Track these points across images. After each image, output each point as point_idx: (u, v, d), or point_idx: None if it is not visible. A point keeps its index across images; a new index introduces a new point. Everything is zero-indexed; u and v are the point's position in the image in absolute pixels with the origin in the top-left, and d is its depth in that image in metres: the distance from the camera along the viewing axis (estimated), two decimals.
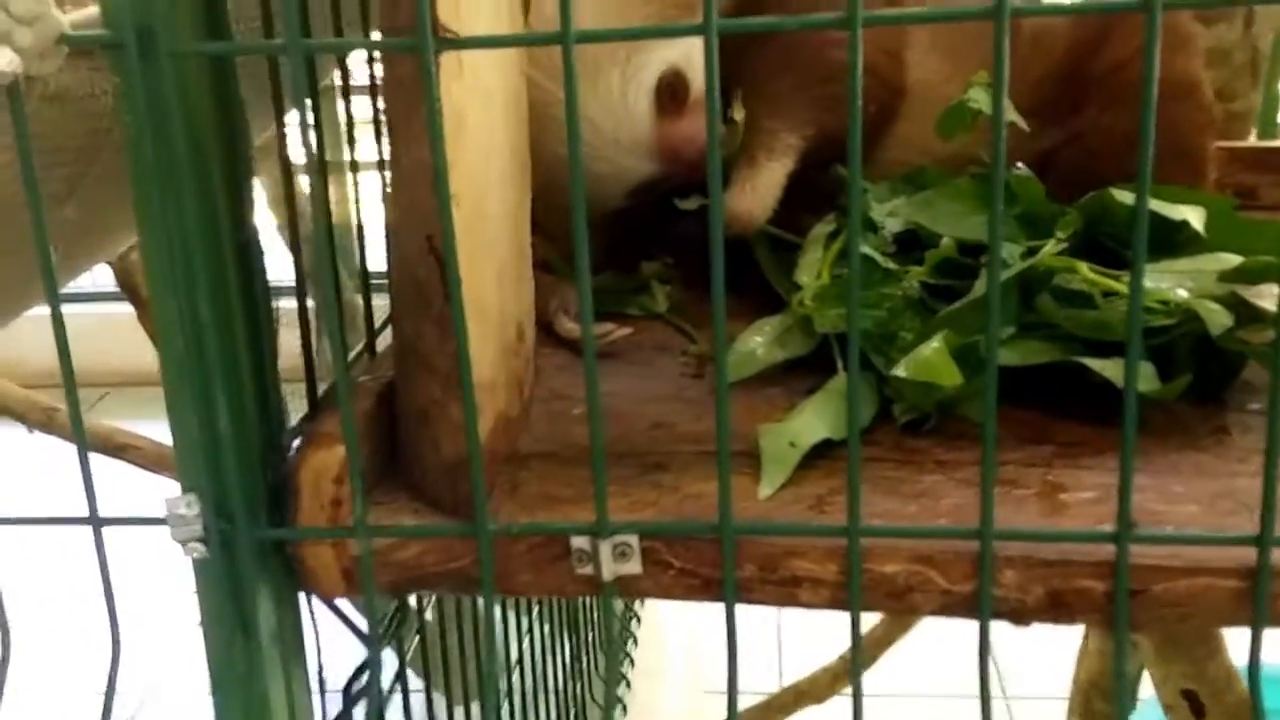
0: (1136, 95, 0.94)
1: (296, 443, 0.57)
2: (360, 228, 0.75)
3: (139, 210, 0.50)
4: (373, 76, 0.67)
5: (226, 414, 0.53)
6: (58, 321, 0.51)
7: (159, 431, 0.57)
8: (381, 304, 0.64)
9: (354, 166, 0.68)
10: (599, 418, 0.51)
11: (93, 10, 0.64)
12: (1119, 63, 0.89)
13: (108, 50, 0.49)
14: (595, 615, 1.88)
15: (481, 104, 0.55)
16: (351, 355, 0.71)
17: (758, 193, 0.86)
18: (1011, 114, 0.80)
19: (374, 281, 0.69)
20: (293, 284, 0.63)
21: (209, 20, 0.50)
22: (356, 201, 0.74)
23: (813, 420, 0.61)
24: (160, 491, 0.54)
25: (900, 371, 0.62)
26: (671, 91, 0.83)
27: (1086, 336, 0.66)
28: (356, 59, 0.78)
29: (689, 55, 0.85)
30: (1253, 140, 1.26)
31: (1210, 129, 0.92)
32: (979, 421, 0.49)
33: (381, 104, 0.51)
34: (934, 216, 0.76)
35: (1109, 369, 0.63)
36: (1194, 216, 0.74)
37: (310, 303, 0.62)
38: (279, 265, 0.61)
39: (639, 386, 0.73)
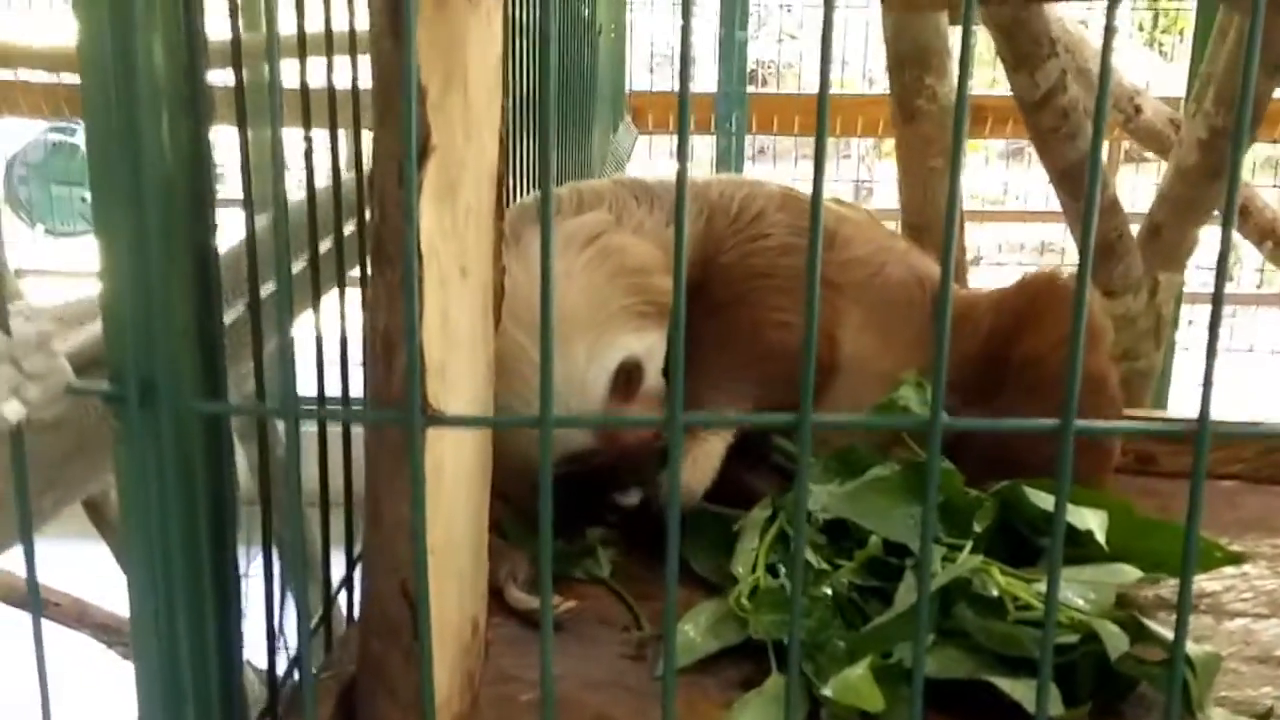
0: (1052, 388, 1.02)
1: None
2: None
3: (128, 547, 0.54)
4: None
5: None
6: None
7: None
8: None
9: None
10: None
11: (92, 331, 0.68)
12: (1037, 355, 0.97)
13: (109, 400, 0.53)
14: None
15: (456, 446, 0.59)
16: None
17: (697, 466, 0.91)
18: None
19: None
20: None
21: (208, 377, 0.54)
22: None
23: None
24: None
25: (828, 692, 0.66)
26: (627, 377, 0.88)
27: (998, 650, 0.71)
28: None
29: (651, 350, 0.91)
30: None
31: (1117, 419, 1.00)
32: None
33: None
34: (862, 511, 0.82)
35: (1018, 690, 0.68)
36: (1096, 524, 0.81)
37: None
38: None
39: (582, 668, 0.77)
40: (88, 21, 0.49)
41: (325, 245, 0.68)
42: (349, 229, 0.78)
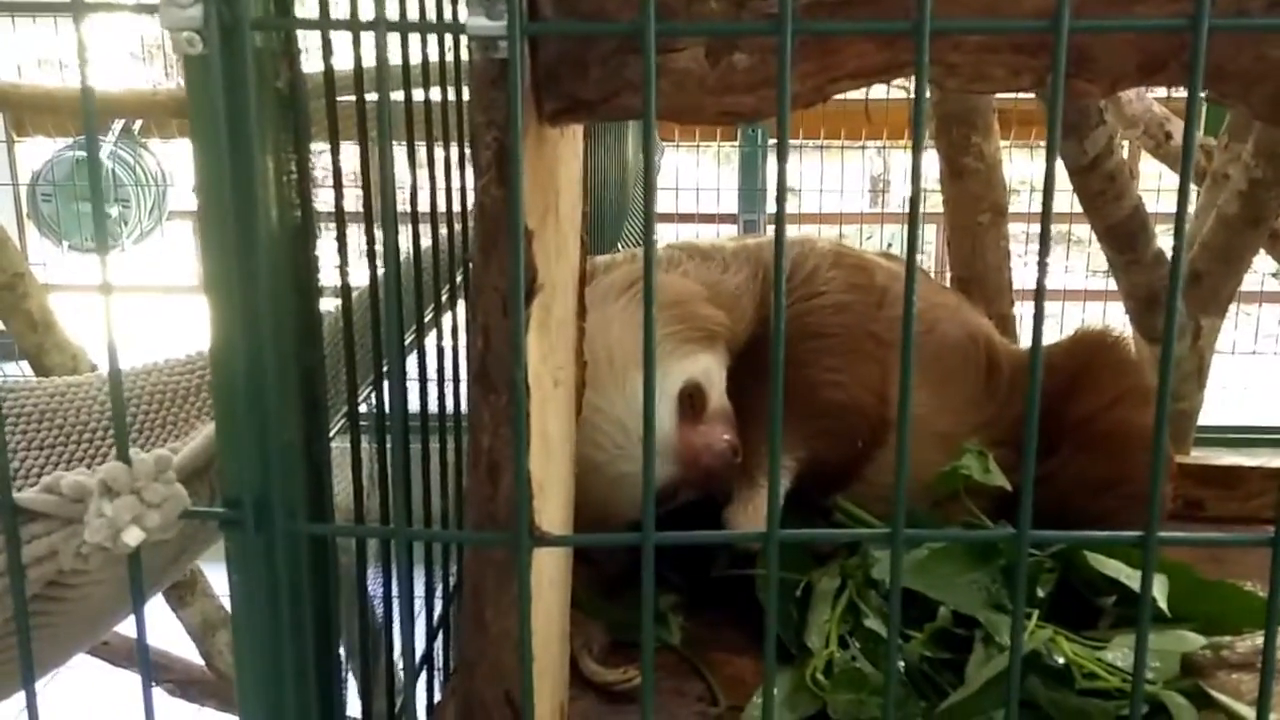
0: (1107, 445, 1.03)
1: None
2: None
3: (240, 668, 0.56)
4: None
5: None
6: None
7: None
8: None
9: None
10: None
11: (207, 434, 0.70)
12: (1091, 413, 0.99)
13: (225, 524, 0.55)
14: None
15: (551, 551, 0.61)
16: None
17: (757, 512, 0.93)
18: (1000, 480, 0.89)
19: None
20: None
21: (313, 497, 0.56)
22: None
23: None
24: None
25: None
26: (691, 401, 0.92)
27: None
28: None
29: (707, 372, 0.94)
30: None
31: (1171, 477, 1.01)
32: None
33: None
34: (928, 582, 0.83)
35: None
36: (1157, 588, 0.82)
37: None
38: None
39: None
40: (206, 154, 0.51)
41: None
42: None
